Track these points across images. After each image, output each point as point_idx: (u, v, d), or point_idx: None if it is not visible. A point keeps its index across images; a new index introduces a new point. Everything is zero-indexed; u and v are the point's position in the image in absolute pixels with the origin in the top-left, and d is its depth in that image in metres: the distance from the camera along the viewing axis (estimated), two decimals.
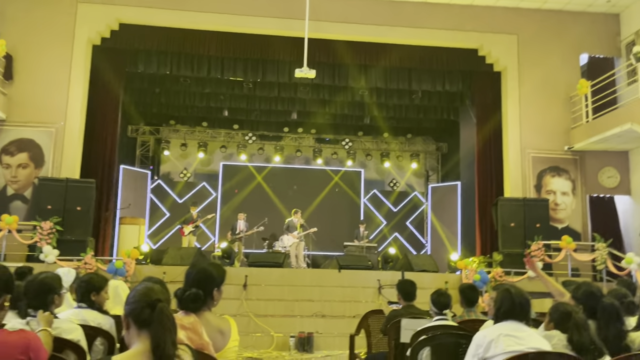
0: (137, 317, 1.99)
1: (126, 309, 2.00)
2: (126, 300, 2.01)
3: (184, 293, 2.44)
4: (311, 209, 14.96)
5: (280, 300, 8.99)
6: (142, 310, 1.99)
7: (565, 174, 11.12)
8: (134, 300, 2.01)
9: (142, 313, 1.99)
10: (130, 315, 2.00)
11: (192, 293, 2.43)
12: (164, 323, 1.99)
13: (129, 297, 2.03)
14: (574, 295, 3.24)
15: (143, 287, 2.05)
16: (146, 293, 2.04)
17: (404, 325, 4.07)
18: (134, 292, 2.04)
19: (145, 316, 1.98)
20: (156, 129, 15.60)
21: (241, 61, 11.53)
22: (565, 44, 11.34)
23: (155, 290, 2.06)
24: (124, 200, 13.32)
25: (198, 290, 2.44)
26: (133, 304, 2.00)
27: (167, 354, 1.95)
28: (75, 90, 10.48)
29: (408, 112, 14.02)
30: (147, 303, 2.00)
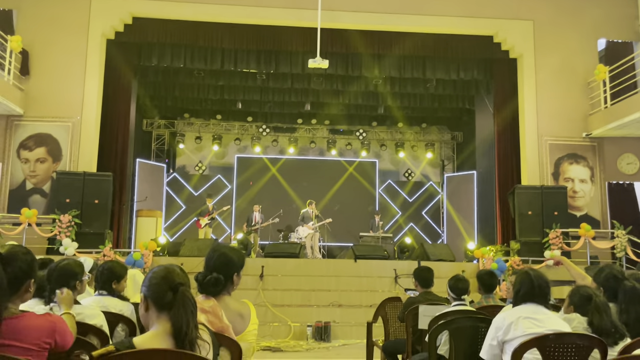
0: (159, 299, 2.01)
1: (145, 290, 2.02)
2: (145, 281, 2.03)
3: (205, 277, 2.46)
4: (326, 200, 14.97)
5: (297, 290, 9.03)
6: (165, 293, 2.01)
7: (584, 161, 10.97)
8: (156, 282, 2.03)
9: (165, 296, 2.01)
10: (151, 297, 2.01)
11: (213, 277, 2.45)
12: (187, 306, 2.01)
13: (148, 279, 2.04)
14: (596, 279, 3.20)
15: (163, 269, 2.07)
16: (167, 276, 2.05)
17: (422, 312, 4.06)
18: (153, 275, 2.05)
19: (168, 299, 2.00)
20: (171, 122, 15.70)
21: (254, 53, 11.52)
22: (582, 29, 11.15)
23: (176, 273, 2.08)
24: (140, 193, 13.45)
25: (219, 274, 2.46)
26: (155, 286, 2.02)
27: (190, 337, 1.97)
28: (90, 84, 10.59)
29: (422, 102, 13.92)
30: (169, 286, 2.02)
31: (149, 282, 2.04)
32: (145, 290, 2.03)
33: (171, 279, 2.05)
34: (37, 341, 2.00)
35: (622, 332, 2.75)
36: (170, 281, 2.04)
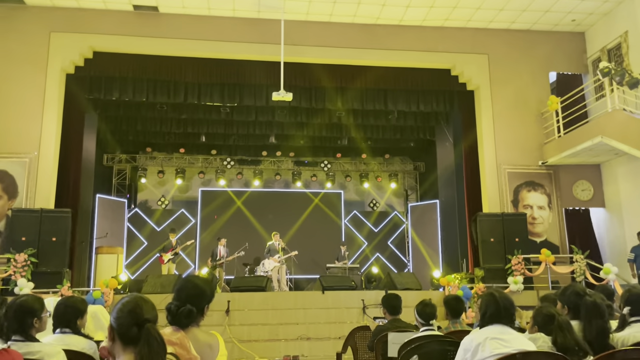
0: (124, 334, 1.96)
1: (113, 321, 1.97)
2: (114, 311, 1.97)
3: (178, 309, 2.41)
4: (292, 232, 14.92)
5: (264, 324, 8.87)
6: (130, 328, 1.95)
7: (541, 189, 11.33)
8: (122, 315, 1.97)
9: (130, 331, 1.95)
10: (117, 330, 1.96)
11: (186, 309, 2.42)
12: (152, 345, 1.96)
13: (117, 309, 1.99)
14: (561, 298, 3.28)
15: (132, 302, 2.00)
16: (134, 310, 1.99)
17: (391, 340, 4.05)
18: (121, 306, 2.00)
19: (132, 334, 1.95)
20: (132, 157, 15.46)
21: (218, 86, 11.56)
22: (535, 62, 11.69)
23: (144, 308, 2.01)
24: (100, 229, 13.09)
25: (192, 306, 2.42)
26: (120, 319, 1.97)
27: None
28: (48, 119, 10.36)
29: (385, 133, 14.20)
30: (135, 321, 1.96)
31: (116, 313, 1.98)
32: (113, 321, 1.97)
33: (138, 314, 1.99)
34: None
35: (586, 349, 2.82)
36: (136, 316, 1.98)
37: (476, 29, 11.58)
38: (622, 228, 10.70)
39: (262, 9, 10.70)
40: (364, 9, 10.71)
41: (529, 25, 11.51)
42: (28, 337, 2.75)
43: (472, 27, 11.52)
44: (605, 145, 9.65)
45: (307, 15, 10.94)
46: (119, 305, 2.00)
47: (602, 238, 11.24)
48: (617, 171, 10.85)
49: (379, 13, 10.88)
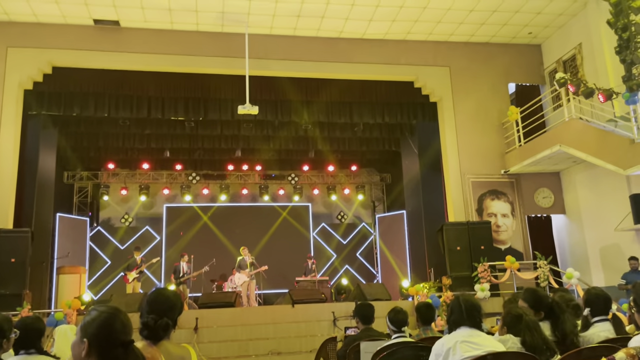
0: (106, 354, 1.84)
1: (92, 338, 1.84)
2: (91, 326, 1.85)
3: (156, 322, 2.34)
4: (260, 246, 14.79)
5: (234, 340, 8.73)
6: (114, 348, 1.86)
7: (504, 197, 11.59)
8: (106, 334, 1.85)
9: (113, 351, 1.86)
10: (97, 348, 1.84)
11: (164, 322, 2.36)
12: None
13: (97, 326, 1.85)
14: (524, 298, 3.35)
15: (111, 317, 1.88)
16: (116, 328, 1.88)
17: (364, 349, 4.04)
18: (101, 322, 1.86)
19: (116, 354, 1.86)
20: (94, 173, 15.09)
21: (182, 100, 11.43)
22: (494, 74, 12.03)
23: (125, 325, 1.92)
24: (61, 249, 12.68)
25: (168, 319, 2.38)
26: (104, 337, 1.84)
27: None
28: (6, 137, 10.03)
29: (351, 145, 14.31)
30: (120, 341, 1.87)
31: (98, 330, 1.85)
32: (92, 338, 1.84)
33: (122, 333, 1.89)
34: None
35: (553, 348, 2.88)
36: (121, 337, 1.88)
37: (437, 42, 11.85)
38: (582, 233, 11.03)
39: (226, 23, 10.69)
40: (328, 23, 10.83)
41: (487, 38, 11.86)
42: None
43: (434, 40, 11.79)
44: (564, 154, 9.97)
45: (271, 29, 10.99)
46: (99, 320, 1.88)
47: (563, 243, 11.56)
48: (576, 178, 11.21)
49: (342, 27, 11.02)
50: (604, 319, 3.45)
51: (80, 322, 1.94)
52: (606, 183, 10.20)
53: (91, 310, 1.94)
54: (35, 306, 9.50)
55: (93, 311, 1.93)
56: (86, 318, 1.91)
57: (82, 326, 1.89)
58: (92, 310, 1.94)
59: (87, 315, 1.93)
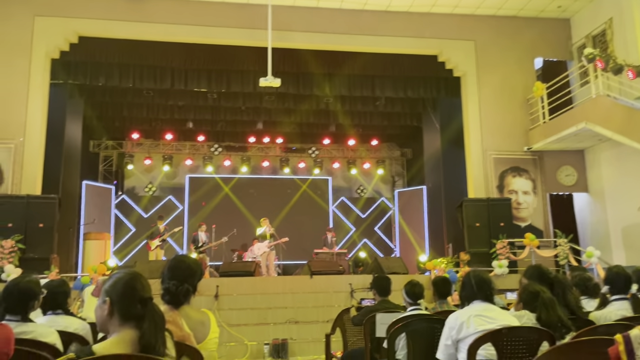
0: (127, 310, 1.96)
1: (113, 296, 1.96)
2: (111, 286, 1.98)
3: (177, 288, 2.46)
4: (280, 218, 14.95)
5: (253, 308, 8.94)
6: (134, 305, 1.96)
7: (526, 174, 11.48)
8: (125, 292, 1.97)
9: (133, 308, 1.96)
10: (119, 306, 1.96)
11: (184, 288, 2.48)
12: (158, 322, 1.99)
13: (120, 285, 1.98)
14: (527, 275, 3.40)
15: (131, 278, 2.01)
16: (137, 287, 2.00)
17: (379, 320, 4.13)
18: (123, 282, 1.99)
19: (136, 312, 1.96)
20: (119, 143, 15.35)
21: (205, 72, 11.49)
22: (521, 49, 11.78)
23: (146, 285, 2.04)
24: (87, 216, 13.03)
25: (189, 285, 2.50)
26: (124, 295, 1.96)
27: (158, 352, 1.94)
28: (34, 105, 10.24)
29: (372, 119, 14.25)
30: (139, 298, 1.98)
31: (120, 289, 1.97)
32: (114, 296, 1.97)
33: (142, 291, 2.01)
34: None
35: (569, 325, 2.92)
36: (140, 293, 2.00)
37: (463, 15, 11.62)
38: (604, 212, 10.91)
39: None
40: None
41: (515, 11, 11.58)
42: (24, 317, 2.79)
43: (459, 13, 11.56)
44: (589, 131, 9.80)
45: (295, 0, 10.89)
46: (116, 280, 2.01)
47: (585, 222, 11.45)
48: (601, 156, 11.03)
49: None
50: (623, 297, 3.47)
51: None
52: (632, 162, 10.02)
53: (112, 275, 2.06)
54: (63, 270, 9.83)
55: (114, 275, 2.05)
56: (107, 281, 2.02)
57: (103, 289, 1.99)
58: (112, 275, 2.06)
59: (107, 279, 2.04)
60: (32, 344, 2.50)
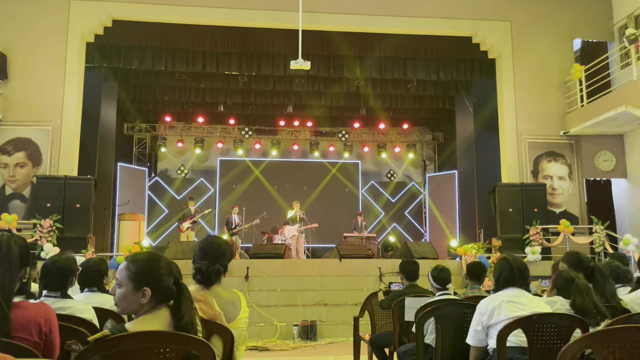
0: (164, 292, 1.98)
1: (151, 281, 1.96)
2: (139, 274, 1.97)
3: (208, 268, 2.50)
4: (309, 201, 15.02)
5: (282, 290, 9.05)
6: (169, 286, 1.98)
7: (562, 159, 11.19)
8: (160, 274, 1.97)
9: (169, 289, 1.98)
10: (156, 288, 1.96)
11: (215, 268, 2.51)
12: (189, 299, 2.02)
13: (143, 271, 1.98)
14: (565, 260, 3.32)
15: (164, 259, 2.04)
16: (171, 267, 2.02)
17: (408, 304, 4.12)
18: (154, 265, 1.99)
19: (171, 291, 1.99)
20: (152, 125, 15.60)
21: (236, 55, 11.53)
22: (559, 30, 11.40)
23: (170, 264, 2.05)
24: (122, 197, 13.34)
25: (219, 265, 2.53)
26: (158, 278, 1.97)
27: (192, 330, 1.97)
28: (70, 88, 10.47)
29: (404, 102, 14.07)
30: (173, 278, 2.00)
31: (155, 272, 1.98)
32: (152, 280, 1.97)
33: (175, 270, 2.04)
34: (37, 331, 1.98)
35: (604, 312, 2.85)
36: (173, 273, 2.03)
37: None
38: None
39: None
40: None
41: None
42: (63, 294, 2.88)
43: None
44: (630, 115, 9.46)
45: None
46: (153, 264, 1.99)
47: (622, 209, 11.11)
48: None
49: None
50: None
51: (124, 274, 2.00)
52: None
53: (135, 259, 2.01)
54: (99, 249, 10.13)
55: (136, 262, 2.00)
56: (131, 268, 1.98)
57: (130, 277, 1.96)
58: (133, 263, 2.00)
59: (129, 267, 1.99)
60: (70, 320, 2.58)
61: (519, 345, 2.73)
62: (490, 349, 2.83)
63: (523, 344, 2.70)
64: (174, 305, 1.99)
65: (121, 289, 1.98)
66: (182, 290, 2.01)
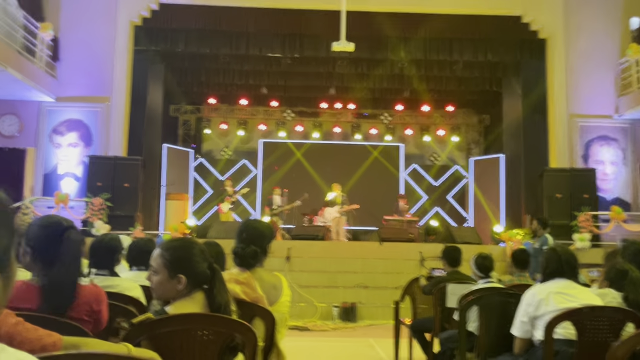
0: (200, 277, 2.01)
1: (186, 269, 1.99)
2: (175, 262, 1.99)
3: (244, 250, 2.52)
4: (350, 184, 14.95)
5: (323, 272, 9.12)
6: (205, 271, 2.02)
7: (615, 143, 10.74)
8: (195, 261, 2.00)
9: (204, 274, 2.01)
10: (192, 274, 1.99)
11: (251, 250, 2.52)
12: (225, 285, 2.06)
13: (179, 258, 2.00)
14: (624, 254, 3.17)
15: (197, 245, 2.08)
16: (204, 253, 2.06)
17: (450, 290, 4.07)
18: (189, 252, 2.02)
19: (206, 276, 2.02)
20: (197, 107, 15.86)
21: (279, 37, 11.53)
22: (615, 7, 10.86)
23: (203, 250, 2.07)
24: (168, 177, 13.66)
25: (255, 247, 2.53)
26: (194, 265, 1.99)
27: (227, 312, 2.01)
28: (118, 70, 10.76)
29: (449, 84, 13.76)
30: (207, 263, 2.03)
31: (190, 259, 2.00)
32: (187, 267, 2.00)
33: (206, 255, 2.07)
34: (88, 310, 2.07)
35: None
36: (207, 258, 2.06)
37: None
38: None
39: None
40: None
41: None
42: (112, 272, 3.00)
43: None
44: None
45: None
46: (188, 251, 2.02)
47: None
48: None
49: None
50: None
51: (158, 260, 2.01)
52: None
53: (166, 250, 2.03)
54: (146, 227, 10.45)
55: (170, 250, 2.02)
56: (165, 256, 2.00)
57: (164, 264, 1.98)
58: (167, 250, 2.02)
59: (163, 254, 2.01)
60: (119, 298, 2.68)
61: (566, 337, 2.66)
62: (536, 341, 2.76)
63: (571, 337, 2.62)
64: (208, 289, 2.02)
65: (157, 277, 2.01)
66: (215, 275, 2.04)
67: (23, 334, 1.31)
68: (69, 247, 1.96)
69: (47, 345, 1.37)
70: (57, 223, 2.03)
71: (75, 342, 1.47)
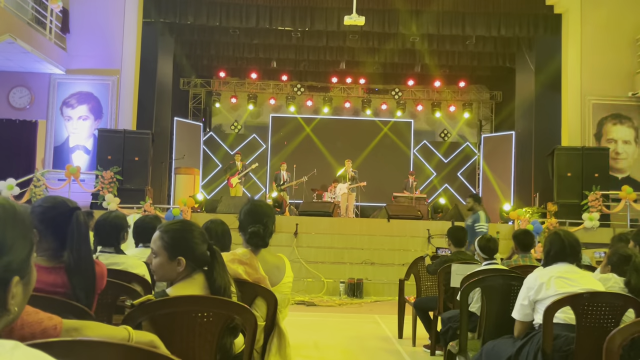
0: (200, 259, 2.03)
1: (185, 251, 2.01)
2: (173, 245, 2.01)
3: (265, 230, 2.52)
4: (360, 160, 14.92)
5: (330, 248, 9.18)
6: (204, 252, 2.04)
7: (628, 122, 10.58)
8: (194, 243, 2.02)
9: (204, 255, 2.04)
10: (192, 257, 2.01)
11: (271, 231, 2.54)
12: (225, 267, 2.08)
13: (177, 240, 2.02)
14: (635, 240, 3.15)
15: (196, 226, 2.09)
16: (204, 234, 2.09)
17: (455, 270, 4.09)
18: (188, 235, 2.03)
19: (206, 258, 2.04)
20: (207, 81, 15.79)
21: (289, 10, 11.39)
22: None
23: (202, 232, 2.09)
24: (178, 151, 13.72)
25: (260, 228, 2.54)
26: (193, 247, 2.01)
27: (227, 294, 2.04)
28: (128, 43, 10.71)
29: (461, 59, 13.56)
30: (206, 245, 2.05)
31: (190, 241, 2.03)
32: (186, 249, 2.01)
33: (206, 237, 2.08)
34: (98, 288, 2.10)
35: None
36: (206, 240, 2.08)
37: None
38: None
39: None
40: None
41: None
42: (117, 249, 3.03)
43: None
44: None
45: None
46: (187, 234, 2.03)
47: None
48: None
49: None
50: None
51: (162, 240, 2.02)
52: None
53: (165, 233, 2.03)
54: (156, 201, 10.55)
55: (169, 232, 2.03)
56: (165, 238, 2.01)
57: (164, 246, 2.00)
58: (166, 233, 2.03)
59: (163, 237, 2.02)
60: (123, 276, 2.72)
61: (566, 322, 2.66)
62: (536, 324, 2.78)
63: (571, 321, 2.63)
64: (208, 271, 2.04)
65: (157, 259, 2.03)
66: (215, 256, 2.06)
67: (24, 317, 1.33)
68: (79, 227, 1.97)
69: (48, 328, 1.39)
70: (63, 203, 2.05)
71: (75, 325, 1.49)
